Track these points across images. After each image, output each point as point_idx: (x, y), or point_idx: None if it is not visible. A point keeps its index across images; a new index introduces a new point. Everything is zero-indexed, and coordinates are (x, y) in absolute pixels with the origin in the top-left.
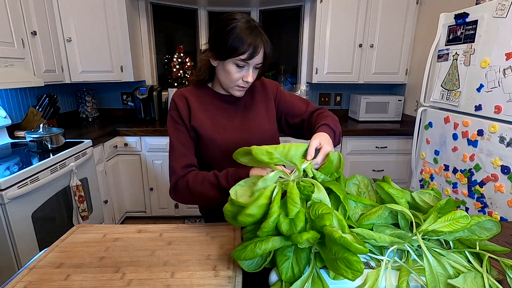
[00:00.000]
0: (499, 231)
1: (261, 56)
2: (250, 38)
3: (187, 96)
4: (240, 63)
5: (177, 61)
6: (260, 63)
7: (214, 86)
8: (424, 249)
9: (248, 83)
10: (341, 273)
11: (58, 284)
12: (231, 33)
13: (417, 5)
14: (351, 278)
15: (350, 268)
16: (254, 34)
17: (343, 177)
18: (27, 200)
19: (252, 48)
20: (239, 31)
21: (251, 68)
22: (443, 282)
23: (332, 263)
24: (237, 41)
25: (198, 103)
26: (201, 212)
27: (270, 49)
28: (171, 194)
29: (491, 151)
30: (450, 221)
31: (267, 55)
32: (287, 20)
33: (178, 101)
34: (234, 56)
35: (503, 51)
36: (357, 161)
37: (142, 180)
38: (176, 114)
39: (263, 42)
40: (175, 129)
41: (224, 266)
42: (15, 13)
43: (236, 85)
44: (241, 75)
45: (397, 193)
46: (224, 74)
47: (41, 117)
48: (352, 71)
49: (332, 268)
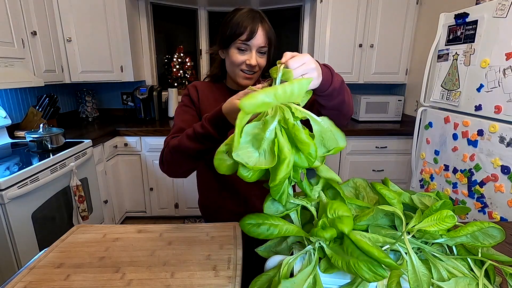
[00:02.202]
0: (503, 239)
1: (262, 39)
2: (247, 20)
3: (198, 86)
4: (241, 46)
5: (177, 61)
6: (263, 47)
7: (228, 82)
8: (409, 247)
9: (253, 68)
10: (361, 273)
11: (58, 284)
12: (231, 20)
13: (417, 5)
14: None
15: (373, 272)
16: (252, 17)
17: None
18: (27, 200)
19: (250, 28)
20: (238, 16)
21: (254, 51)
22: (426, 282)
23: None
24: (235, 25)
25: (209, 94)
26: (201, 211)
27: (272, 34)
28: (160, 165)
29: (491, 151)
30: (436, 221)
31: (270, 39)
32: (287, 20)
33: (190, 88)
34: (234, 39)
35: (503, 51)
36: (357, 161)
37: (142, 180)
38: (186, 99)
39: (262, 24)
40: (182, 111)
41: (224, 266)
42: (15, 13)
43: (240, 69)
44: (244, 58)
45: (389, 194)
46: (229, 61)
47: (41, 117)
48: (352, 71)
49: (347, 267)
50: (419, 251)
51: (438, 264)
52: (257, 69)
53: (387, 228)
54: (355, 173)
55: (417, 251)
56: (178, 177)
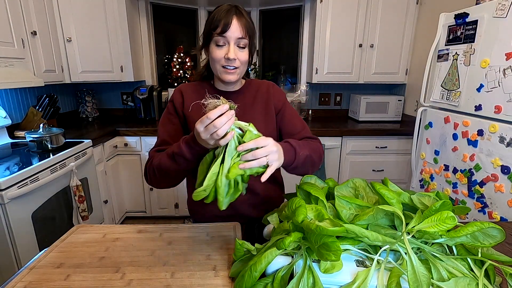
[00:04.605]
0: (503, 239)
1: (239, 30)
2: (222, 13)
3: (183, 89)
4: (219, 40)
5: (177, 61)
6: (242, 38)
7: (215, 82)
8: (408, 248)
9: (233, 62)
10: (325, 258)
11: (58, 284)
12: (209, 18)
13: (417, 5)
14: (335, 259)
15: (330, 250)
16: (227, 10)
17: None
18: (27, 200)
19: (224, 20)
20: (214, 12)
21: (232, 44)
22: (425, 282)
23: (318, 252)
24: (211, 20)
25: (195, 96)
26: (189, 211)
27: (251, 28)
28: (145, 178)
29: (491, 151)
30: (436, 222)
31: (248, 32)
32: (287, 20)
33: (175, 93)
34: (211, 34)
35: (503, 51)
36: (357, 161)
37: (142, 180)
38: (170, 105)
39: (238, 16)
40: (166, 120)
41: (224, 266)
42: (15, 13)
43: (221, 65)
44: (223, 53)
45: (388, 194)
46: (211, 59)
47: (41, 117)
48: (352, 71)
49: (320, 257)
50: (419, 251)
51: (438, 264)
52: (238, 63)
53: (387, 228)
54: (355, 173)
55: (417, 251)
56: (163, 188)
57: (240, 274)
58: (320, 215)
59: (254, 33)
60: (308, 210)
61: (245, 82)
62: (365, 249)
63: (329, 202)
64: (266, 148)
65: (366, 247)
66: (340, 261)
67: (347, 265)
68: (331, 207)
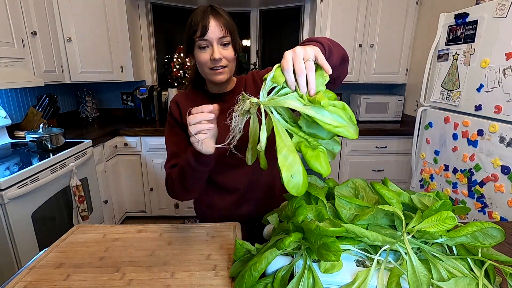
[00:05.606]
0: (503, 239)
1: (218, 30)
2: (199, 16)
3: (178, 100)
4: (201, 43)
5: (177, 61)
6: (224, 37)
7: (208, 87)
8: (408, 248)
9: (219, 62)
10: (325, 258)
11: (58, 284)
12: (186, 24)
13: (417, 5)
14: (335, 259)
15: (330, 251)
16: (202, 11)
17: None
18: (27, 200)
19: (201, 23)
20: (191, 17)
21: (215, 44)
22: (425, 282)
23: (318, 252)
24: (189, 26)
25: (190, 104)
26: (195, 209)
27: (230, 24)
28: (170, 195)
29: (491, 151)
30: (436, 222)
31: (228, 29)
32: (287, 20)
33: (172, 105)
34: (192, 40)
35: (503, 51)
36: (357, 161)
37: (142, 180)
38: (170, 118)
39: (215, 15)
40: (170, 133)
41: (224, 266)
42: (15, 13)
43: (209, 68)
44: (208, 55)
45: (388, 194)
46: (198, 63)
47: (41, 117)
48: (352, 71)
49: (320, 257)
50: (419, 251)
51: (438, 264)
52: (225, 62)
53: (387, 228)
54: (355, 173)
55: (417, 251)
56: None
57: (240, 274)
58: (320, 215)
59: (235, 28)
60: (308, 210)
61: (236, 80)
62: (365, 249)
63: (329, 202)
64: (297, 59)
65: (366, 247)
66: (340, 261)
67: (347, 265)
68: (331, 207)
